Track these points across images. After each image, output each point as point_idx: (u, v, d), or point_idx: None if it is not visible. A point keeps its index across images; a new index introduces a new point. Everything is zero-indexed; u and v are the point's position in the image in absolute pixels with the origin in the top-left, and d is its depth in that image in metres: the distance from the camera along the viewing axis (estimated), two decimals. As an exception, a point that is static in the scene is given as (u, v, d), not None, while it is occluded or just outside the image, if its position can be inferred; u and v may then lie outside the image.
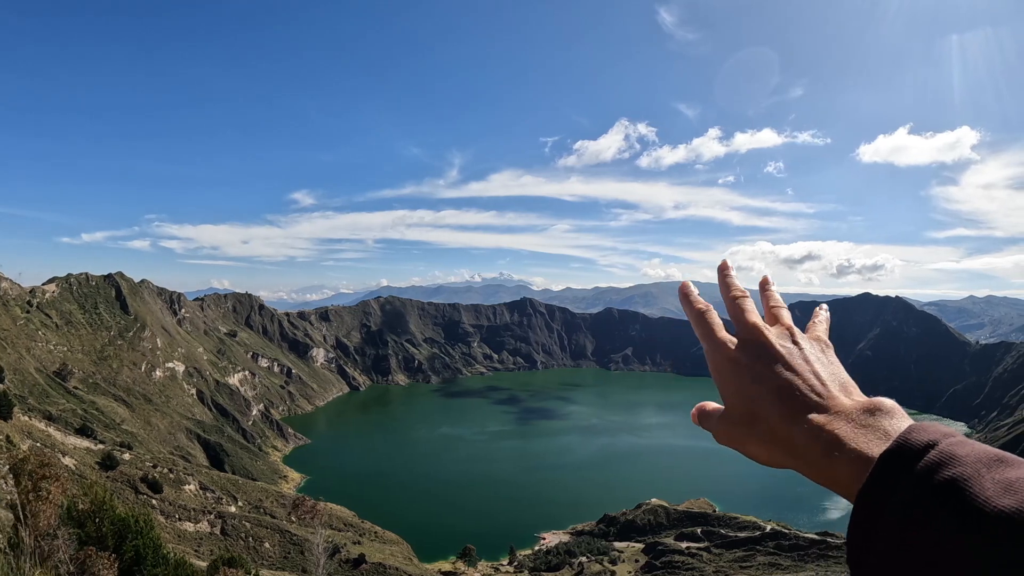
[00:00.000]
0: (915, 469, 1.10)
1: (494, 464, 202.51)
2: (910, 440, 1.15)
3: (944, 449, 1.11)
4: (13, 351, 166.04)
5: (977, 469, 1.06)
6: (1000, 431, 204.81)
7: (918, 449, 1.13)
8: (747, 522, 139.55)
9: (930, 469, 1.09)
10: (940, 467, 1.08)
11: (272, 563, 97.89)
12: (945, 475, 1.06)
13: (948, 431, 1.17)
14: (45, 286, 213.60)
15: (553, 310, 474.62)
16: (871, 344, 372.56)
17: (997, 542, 1.04)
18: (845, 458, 1.28)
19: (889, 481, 1.12)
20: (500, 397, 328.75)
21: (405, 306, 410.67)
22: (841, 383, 1.56)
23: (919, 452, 1.12)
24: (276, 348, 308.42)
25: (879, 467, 1.16)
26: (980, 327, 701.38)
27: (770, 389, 1.51)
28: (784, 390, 1.50)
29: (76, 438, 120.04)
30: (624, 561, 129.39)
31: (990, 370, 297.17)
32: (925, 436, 1.15)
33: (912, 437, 1.16)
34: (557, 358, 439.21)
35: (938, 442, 1.13)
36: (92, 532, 24.97)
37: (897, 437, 1.19)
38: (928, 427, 1.19)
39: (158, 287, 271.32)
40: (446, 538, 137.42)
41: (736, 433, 1.56)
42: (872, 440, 1.28)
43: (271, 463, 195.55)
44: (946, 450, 1.11)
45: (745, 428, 1.53)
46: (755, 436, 1.51)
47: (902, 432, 1.20)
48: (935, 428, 1.19)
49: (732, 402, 1.58)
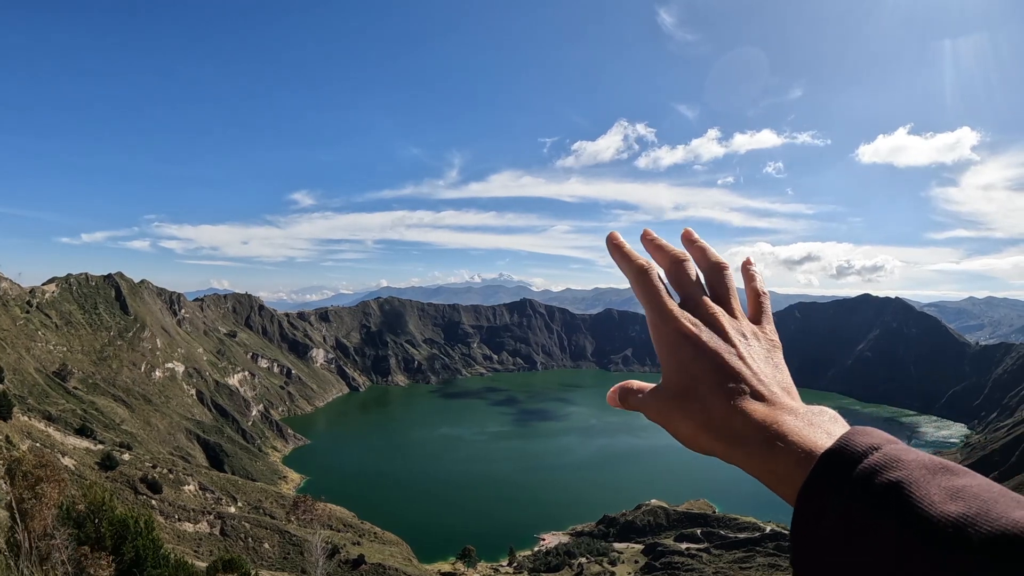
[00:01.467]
0: (857, 470, 1.08)
1: (494, 465, 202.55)
2: (853, 441, 1.13)
3: (888, 452, 1.09)
4: (13, 351, 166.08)
5: (922, 474, 1.05)
6: (1000, 432, 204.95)
7: (861, 451, 1.10)
8: (747, 523, 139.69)
9: (873, 471, 1.07)
10: (883, 470, 1.06)
11: (271, 564, 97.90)
12: (888, 478, 1.05)
13: (891, 438, 1.15)
14: (45, 286, 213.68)
15: (553, 311, 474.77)
16: (871, 345, 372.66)
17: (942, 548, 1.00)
18: (787, 450, 1.23)
19: (831, 481, 1.09)
20: (499, 398, 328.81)
21: (405, 307, 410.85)
22: (785, 386, 1.46)
23: (862, 454, 1.10)
24: (276, 348, 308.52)
25: (821, 465, 1.12)
26: (980, 328, 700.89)
27: (715, 369, 1.42)
28: (731, 374, 1.41)
29: (76, 438, 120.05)
30: (624, 562, 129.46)
31: (990, 371, 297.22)
32: (868, 439, 1.13)
33: (855, 439, 1.13)
34: (557, 359, 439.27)
35: (881, 446, 1.11)
36: (91, 533, 24.94)
37: (840, 437, 1.16)
38: (872, 431, 1.17)
39: (158, 287, 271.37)
40: (445, 539, 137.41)
41: (667, 408, 1.47)
42: (818, 436, 1.23)
43: (271, 464, 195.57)
44: (890, 453, 1.09)
45: (678, 403, 1.44)
46: (687, 414, 1.41)
47: (845, 433, 1.17)
48: (879, 433, 1.17)
49: (671, 376, 1.49)
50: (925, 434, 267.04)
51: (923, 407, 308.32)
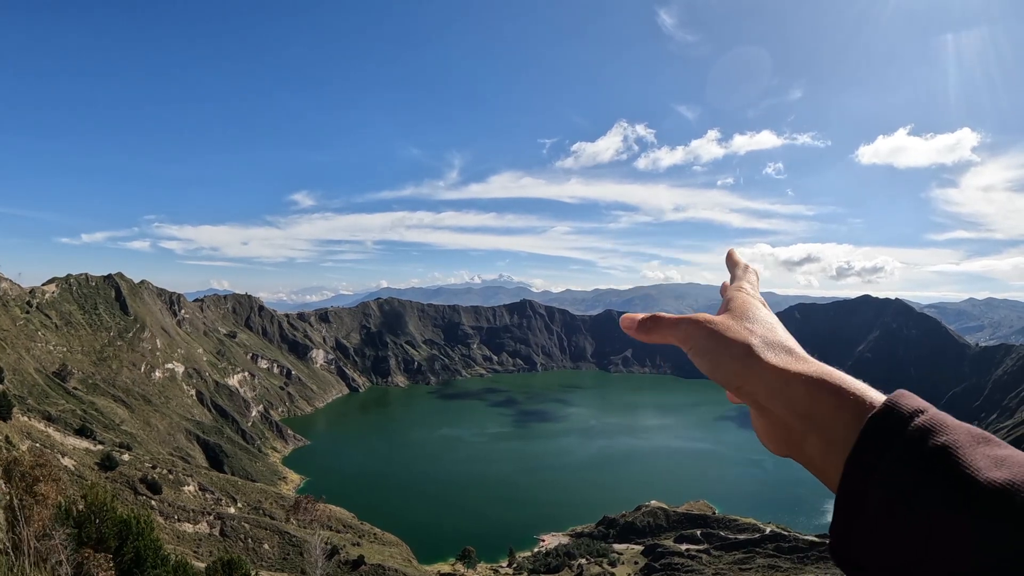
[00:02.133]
0: (906, 431, 1.10)
1: (493, 466, 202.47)
2: (902, 401, 1.14)
3: (933, 416, 1.11)
4: (13, 351, 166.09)
5: (968, 440, 1.07)
6: (1000, 433, 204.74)
7: (908, 412, 1.12)
8: (746, 524, 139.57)
9: (921, 433, 1.08)
10: (931, 433, 1.08)
11: (271, 564, 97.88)
12: (936, 441, 1.06)
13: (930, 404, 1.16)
14: (45, 286, 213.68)
15: (553, 312, 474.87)
16: (871, 346, 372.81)
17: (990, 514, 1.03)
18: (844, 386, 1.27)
19: (882, 438, 1.11)
20: (499, 399, 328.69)
21: (405, 307, 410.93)
22: None
23: (911, 414, 1.11)
24: (276, 349, 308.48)
25: (873, 422, 1.14)
26: (979, 329, 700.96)
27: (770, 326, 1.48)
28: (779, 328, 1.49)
29: (75, 439, 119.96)
30: (624, 563, 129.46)
31: (990, 372, 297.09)
32: (913, 402, 1.14)
33: (903, 400, 1.15)
34: (557, 360, 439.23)
35: (926, 409, 1.12)
36: (92, 533, 24.95)
37: (887, 399, 1.17)
38: (913, 395, 1.18)
39: (158, 288, 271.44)
40: (445, 540, 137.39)
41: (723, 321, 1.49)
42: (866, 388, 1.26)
43: (270, 464, 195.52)
44: (936, 417, 1.10)
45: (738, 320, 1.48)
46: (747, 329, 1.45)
47: (891, 395, 1.18)
48: (919, 398, 1.18)
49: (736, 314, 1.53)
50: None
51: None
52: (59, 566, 19.44)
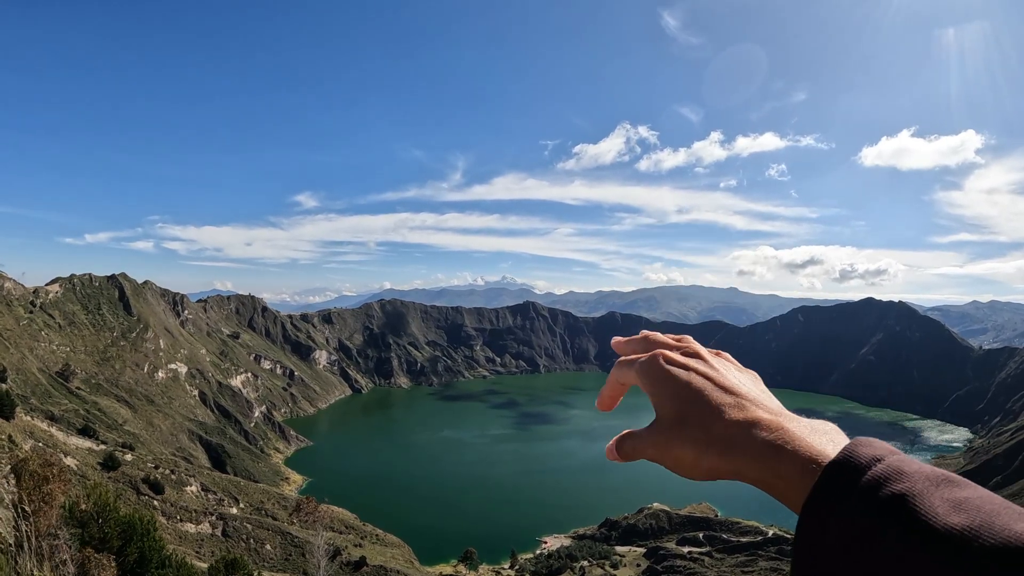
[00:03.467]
0: (861, 481, 1.08)
1: (496, 467, 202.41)
2: (857, 452, 1.10)
3: (891, 463, 1.09)
4: (16, 351, 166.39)
5: (925, 486, 1.06)
6: (1003, 436, 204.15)
7: (865, 462, 1.09)
8: (749, 527, 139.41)
9: (877, 482, 1.07)
10: (887, 481, 1.07)
11: (273, 565, 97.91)
12: (892, 489, 1.06)
13: (893, 449, 1.12)
14: (48, 286, 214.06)
15: (556, 314, 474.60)
16: (874, 349, 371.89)
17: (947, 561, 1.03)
18: (792, 455, 1.20)
19: (836, 490, 1.09)
20: (502, 400, 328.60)
21: (408, 309, 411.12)
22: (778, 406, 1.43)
23: (866, 465, 1.09)
24: (279, 350, 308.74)
25: (827, 474, 1.10)
26: (983, 332, 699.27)
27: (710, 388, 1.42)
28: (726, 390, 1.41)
29: (78, 438, 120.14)
30: (626, 565, 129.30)
31: (993, 375, 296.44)
32: (871, 450, 1.11)
33: (858, 450, 1.11)
34: (560, 362, 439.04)
35: (884, 457, 1.09)
36: (95, 533, 25.01)
37: (843, 448, 1.13)
38: (874, 441, 1.14)
39: (161, 288, 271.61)
40: (447, 541, 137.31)
41: (665, 439, 1.46)
42: (823, 443, 1.21)
43: (273, 465, 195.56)
44: (893, 464, 1.09)
45: (676, 431, 1.42)
46: (686, 438, 1.39)
47: (848, 444, 1.14)
48: (881, 444, 1.14)
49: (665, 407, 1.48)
50: (928, 438, 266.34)
51: (926, 411, 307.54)
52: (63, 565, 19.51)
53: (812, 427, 1.27)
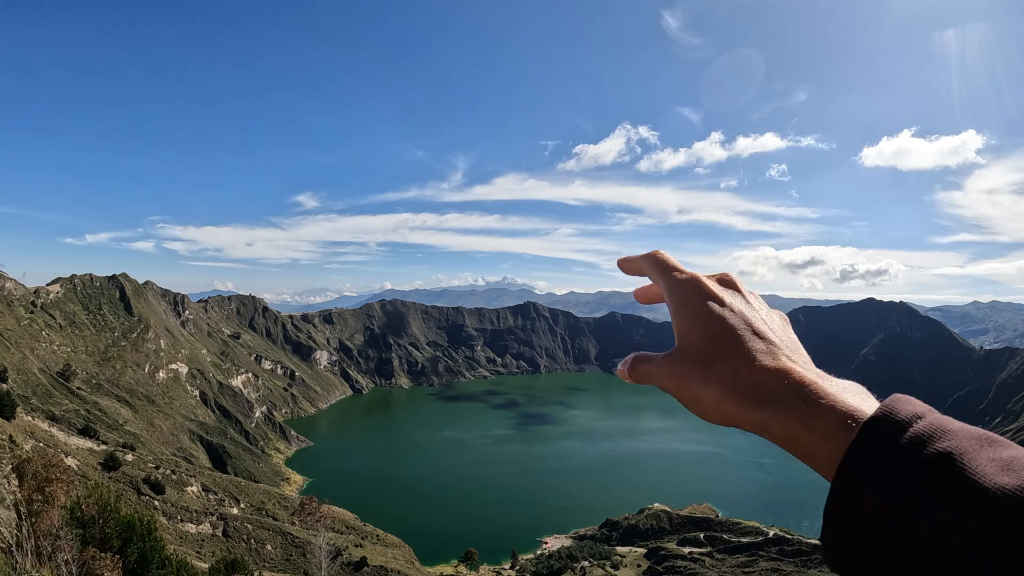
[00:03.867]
0: (904, 437, 0.99)
1: (496, 468, 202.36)
2: (897, 408, 1.03)
3: (933, 420, 1.00)
4: (17, 351, 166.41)
5: (971, 444, 0.99)
6: (1005, 437, 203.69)
7: (906, 418, 1.00)
8: (750, 527, 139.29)
9: (920, 441, 0.99)
10: (931, 439, 0.99)
11: (274, 565, 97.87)
12: (937, 448, 0.99)
13: (930, 407, 1.05)
14: (49, 287, 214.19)
15: (556, 314, 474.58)
16: (875, 349, 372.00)
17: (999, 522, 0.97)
18: (827, 409, 1.11)
19: (877, 447, 1.00)
20: (503, 401, 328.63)
21: (408, 309, 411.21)
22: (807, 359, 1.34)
23: (907, 421, 1.00)
24: (279, 350, 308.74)
25: (867, 429, 1.02)
26: (984, 332, 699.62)
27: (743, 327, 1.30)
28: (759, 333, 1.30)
29: (79, 439, 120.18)
30: (626, 566, 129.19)
31: (994, 376, 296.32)
32: (911, 407, 1.03)
33: (898, 406, 1.03)
34: (560, 362, 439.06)
35: (924, 414, 1.01)
36: (96, 534, 24.98)
37: (881, 404, 1.06)
38: (912, 399, 1.06)
39: (162, 288, 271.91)
40: (448, 542, 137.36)
41: (686, 372, 1.31)
42: (857, 400, 1.13)
43: (273, 465, 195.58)
44: (935, 422, 1.00)
45: (700, 366, 1.29)
46: (712, 376, 1.26)
47: (888, 399, 1.07)
48: (919, 402, 1.06)
49: (692, 337, 1.35)
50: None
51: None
52: (65, 565, 19.48)
53: (844, 385, 1.21)
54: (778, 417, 1.15)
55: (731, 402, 1.22)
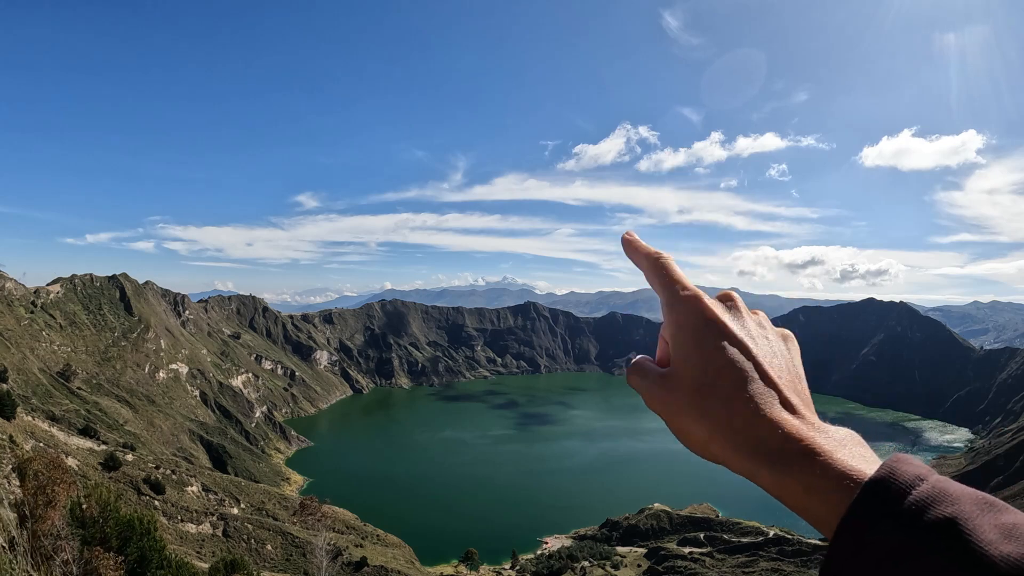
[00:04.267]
0: (907, 502, 0.98)
1: (496, 468, 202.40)
2: (899, 469, 1.00)
3: (935, 484, 0.99)
4: (17, 351, 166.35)
5: (973, 510, 0.97)
6: (1004, 437, 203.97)
7: (908, 481, 0.99)
8: (750, 527, 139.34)
9: (923, 505, 0.98)
10: (934, 503, 0.98)
11: (274, 565, 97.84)
12: (940, 513, 0.97)
13: (930, 468, 1.02)
14: (49, 287, 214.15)
15: (557, 314, 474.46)
16: (875, 349, 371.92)
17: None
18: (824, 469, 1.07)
19: (878, 510, 0.98)
20: (503, 401, 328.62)
21: (408, 309, 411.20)
22: (805, 398, 1.28)
23: (910, 484, 0.99)
24: (279, 350, 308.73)
25: (867, 492, 0.99)
26: (984, 332, 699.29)
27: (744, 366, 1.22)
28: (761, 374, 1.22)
29: (79, 438, 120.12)
30: (627, 566, 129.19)
31: (994, 376, 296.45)
32: (912, 468, 1.00)
33: (900, 467, 1.00)
34: (561, 362, 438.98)
35: (926, 477, 0.99)
36: (96, 533, 24.98)
37: (885, 464, 1.03)
38: (912, 459, 1.03)
39: (162, 288, 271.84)
40: (448, 542, 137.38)
41: (677, 403, 1.27)
42: (854, 459, 1.08)
43: (273, 465, 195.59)
44: (938, 485, 0.99)
45: (694, 400, 1.23)
46: (703, 414, 1.21)
47: (889, 460, 1.04)
48: (919, 462, 1.03)
49: (687, 368, 1.28)
50: (929, 439, 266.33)
51: (927, 412, 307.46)
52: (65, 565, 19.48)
53: (840, 438, 1.14)
54: (771, 471, 1.11)
55: (720, 445, 1.18)
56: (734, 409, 1.18)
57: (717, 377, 1.22)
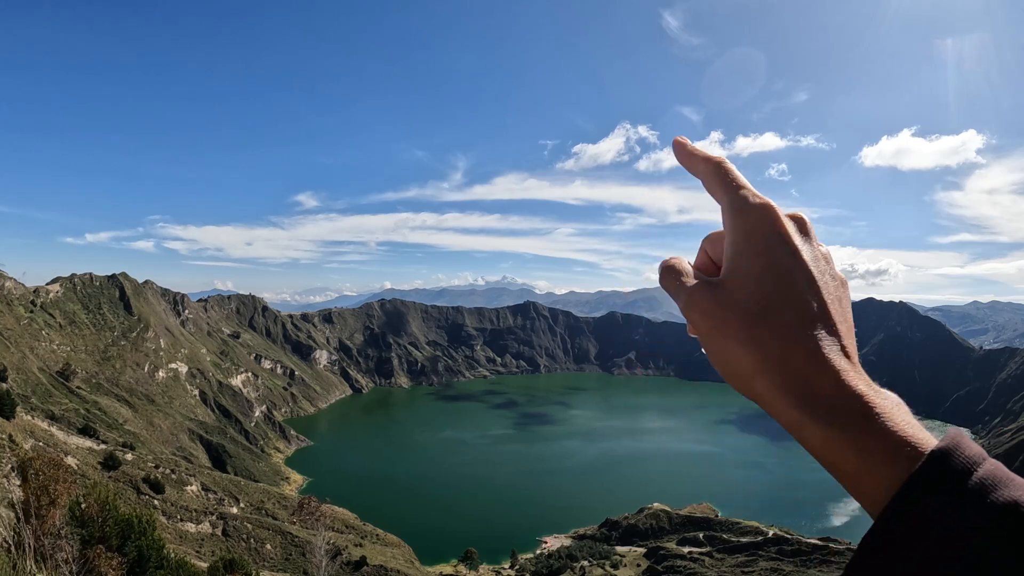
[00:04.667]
0: (973, 479, 0.91)
1: (496, 468, 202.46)
2: (962, 446, 0.94)
3: (998, 465, 0.93)
4: (16, 351, 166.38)
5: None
6: (1004, 437, 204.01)
7: (972, 458, 0.93)
8: (749, 527, 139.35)
9: (989, 484, 0.91)
10: (998, 485, 0.91)
11: (274, 565, 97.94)
12: (1005, 496, 0.90)
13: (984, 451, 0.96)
14: (49, 286, 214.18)
15: (556, 314, 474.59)
16: (875, 349, 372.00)
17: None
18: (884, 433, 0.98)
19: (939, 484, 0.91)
20: (502, 401, 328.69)
21: (408, 309, 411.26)
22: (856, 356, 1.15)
23: (973, 462, 0.92)
24: (279, 350, 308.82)
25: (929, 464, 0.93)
26: (984, 332, 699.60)
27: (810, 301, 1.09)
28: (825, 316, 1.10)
29: (79, 438, 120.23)
30: (626, 565, 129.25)
31: (994, 376, 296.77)
32: (974, 448, 0.95)
33: (965, 442, 0.95)
34: (560, 362, 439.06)
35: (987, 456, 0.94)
36: (95, 532, 24.99)
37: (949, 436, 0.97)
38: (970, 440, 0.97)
39: (162, 288, 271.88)
40: (448, 541, 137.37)
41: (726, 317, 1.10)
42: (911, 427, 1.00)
43: (273, 465, 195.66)
44: (998, 467, 0.93)
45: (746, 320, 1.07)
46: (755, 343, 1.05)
47: (951, 433, 0.97)
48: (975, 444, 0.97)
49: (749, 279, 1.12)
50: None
51: (927, 412, 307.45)
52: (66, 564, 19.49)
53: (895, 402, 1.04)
54: (822, 426, 1.00)
55: (766, 383, 1.05)
56: (794, 346, 1.05)
57: (779, 302, 1.08)
